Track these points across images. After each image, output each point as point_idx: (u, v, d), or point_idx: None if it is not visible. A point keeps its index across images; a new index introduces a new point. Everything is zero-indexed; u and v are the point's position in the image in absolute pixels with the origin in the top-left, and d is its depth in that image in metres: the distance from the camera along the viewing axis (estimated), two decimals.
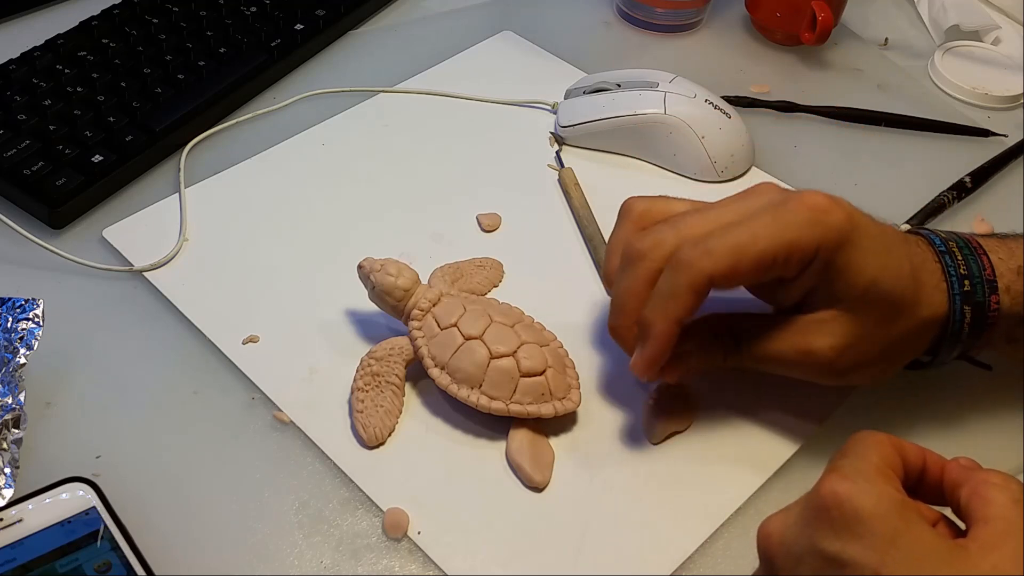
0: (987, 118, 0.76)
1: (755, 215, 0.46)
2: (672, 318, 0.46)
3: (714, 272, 0.45)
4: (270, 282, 0.59)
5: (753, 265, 0.45)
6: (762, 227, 0.45)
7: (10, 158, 0.62)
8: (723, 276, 0.45)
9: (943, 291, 0.48)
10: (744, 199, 0.48)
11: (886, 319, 0.47)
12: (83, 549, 0.44)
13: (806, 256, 0.46)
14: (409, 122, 0.71)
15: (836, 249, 0.45)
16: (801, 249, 0.45)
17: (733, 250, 0.45)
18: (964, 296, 0.48)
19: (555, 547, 0.47)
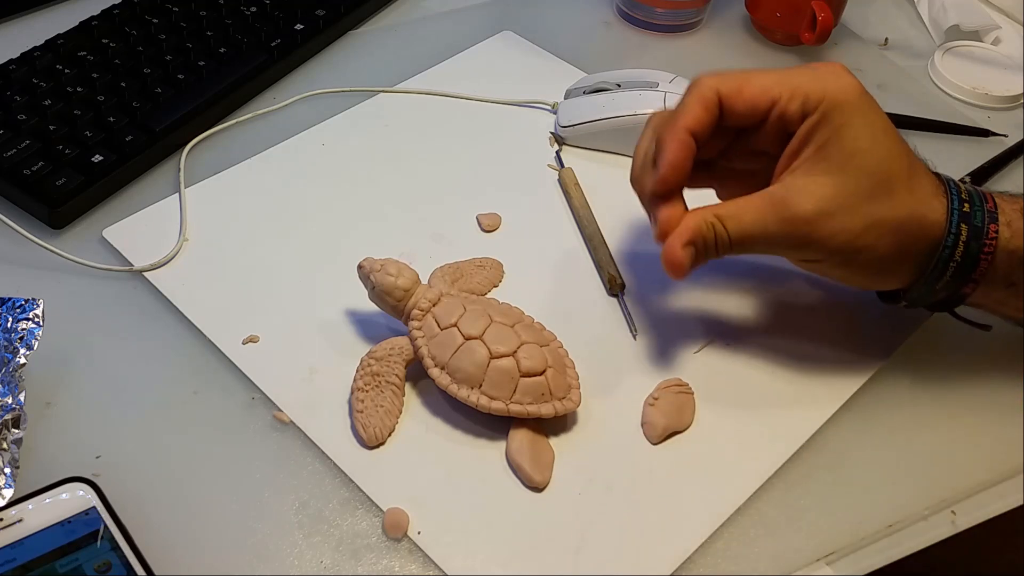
0: (987, 118, 0.76)
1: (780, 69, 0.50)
2: (682, 125, 0.49)
3: (720, 86, 0.49)
4: (270, 282, 0.59)
5: (757, 93, 0.48)
6: (778, 71, 0.49)
7: (10, 158, 0.62)
8: (729, 94, 0.49)
9: (942, 203, 0.49)
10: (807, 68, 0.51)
11: (872, 194, 0.48)
12: (83, 549, 0.44)
13: (808, 102, 0.48)
14: (409, 122, 0.71)
15: (838, 106, 0.47)
16: (804, 95, 0.48)
17: (742, 77, 0.49)
18: (962, 216, 0.48)
19: (555, 547, 0.47)
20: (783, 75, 0.49)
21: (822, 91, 0.48)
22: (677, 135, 0.49)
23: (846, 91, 0.48)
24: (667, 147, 0.49)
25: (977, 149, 0.72)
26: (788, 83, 0.48)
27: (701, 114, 0.49)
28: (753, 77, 0.49)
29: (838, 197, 0.47)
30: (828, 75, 0.49)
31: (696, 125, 0.48)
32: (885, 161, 0.48)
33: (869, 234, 0.48)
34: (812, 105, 0.48)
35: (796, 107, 0.48)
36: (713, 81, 0.49)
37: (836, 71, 0.49)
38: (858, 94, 0.48)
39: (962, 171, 0.69)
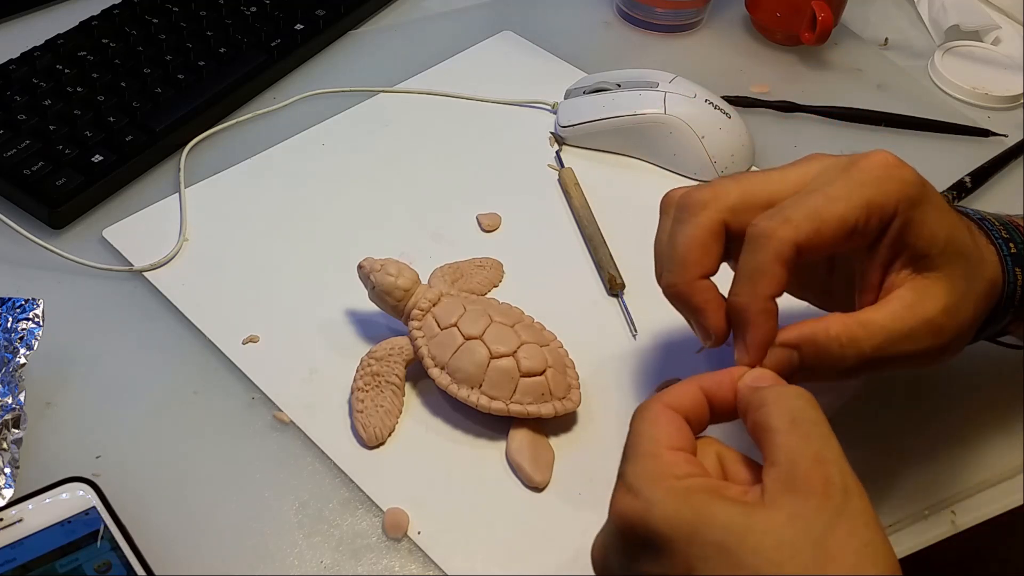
0: (987, 118, 0.76)
1: (826, 180, 0.44)
2: (765, 295, 0.42)
3: (798, 239, 0.42)
4: (270, 282, 0.59)
5: (836, 228, 0.42)
6: (838, 189, 0.43)
7: (10, 158, 0.62)
8: (808, 242, 0.42)
9: (994, 253, 0.47)
10: (802, 165, 0.46)
11: (970, 276, 0.45)
12: (83, 549, 0.44)
13: (886, 214, 0.43)
14: (409, 122, 0.71)
15: (914, 203, 0.43)
16: (881, 206, 0.43)
17: (813, 215, 0.42)
18: (1014, 258, 0.47)
19: (555, 547, 0.47)
20: (849, 195, 0.43)
21: (894, 195, 0.43)
22: (760, 304, 0.42)
23: (912, 185, 0.43)
24: (752, 321, 0.43)
25: (977, 149, 0.72)
26: (858, 201, 0.42)
27: (783, 275, 0.42)
28: (823, 211, 0.42)
29: (954, 291, 0.44)
30: (889, 176, 0.43)
31: (779, 289, 0.43)
32: (964, 239, 0.45)
33: (976, 316, 0.46)
34: (889, 214, 0.43)
35: (875, 224, 0.43)
36: (787, 233, 0.42)
37: (891, 165, 0.44)
38: (921, 183, 0.44)
39: (962, 171, 0.68)
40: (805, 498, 0.35)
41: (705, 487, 0.37)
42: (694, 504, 0.36)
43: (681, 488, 0.37)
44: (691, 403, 0.40)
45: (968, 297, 0.45)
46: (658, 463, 0.38)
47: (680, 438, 0.39)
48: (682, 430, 0.39)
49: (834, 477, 0.36)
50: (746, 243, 0.43)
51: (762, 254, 0.42)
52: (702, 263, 0.44)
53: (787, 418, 0.37)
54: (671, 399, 0.40)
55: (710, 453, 0.40)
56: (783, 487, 0.36)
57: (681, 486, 0.37)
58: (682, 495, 0.36)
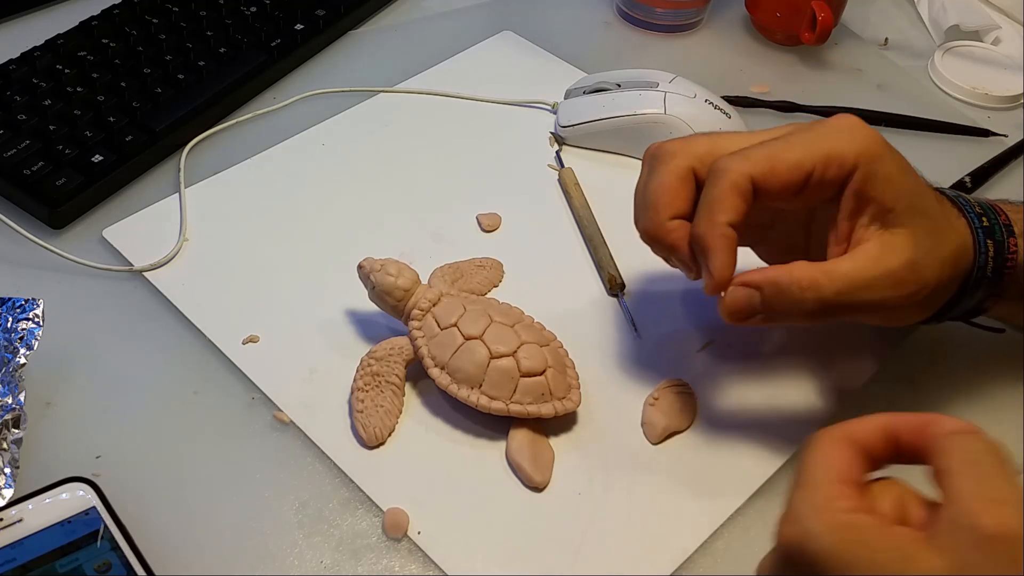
0: (987, 118, 0.76)
1: (791, 132, 0.47)
2: (722, 221, 0.45)
3: (752, 172, 0.45)
4: (270, 282, 0.59)
5: (791, 170, 0.45)
6: (798, 138, 0.46)
7: (10, 158, 0.62)
8: (762, 177, 0.45)
9: (965, 225, 0.48)
10: (774, 129, 0.48)
11: (935, 235, 0.46)
12: (83, 549, 0.44)
13: (845, 165, 0.45)
14: (409, 122, 0.71)
15: (875, 159, 0.45)
16: (839, 158, 0.45)
17: (769, 156, 0.45)
18: (985, 231, 0.48)
19: (555, 547, 0.47)
20: (808, 143, 0.46)
21: (854, 150, 0.45)
22: (718, 230, 0.45)
23: (874, 142, 0.46)
24: (711, 246, 0.45)
25: (977, 149, 0.72)
26: (818, 151, 0.45)
27: (739, 204, 0.45)
28: (780, 152, 0.46)
29: (918, 247, 0.46)
30: (851, 131, 0.46)
31: (735, 216, 0.45)
32: (926, 199, 0.47)
33: (941, 278, 0.47)
34: (849, 166, 0.45)
35: (833, 173, 0.45)
36: (742, 166, 0.45)
37: (853, 124, 0.46)
38: (882, 142, 0.46)
39: (962, 171, 0.69)
40: (970, 539, 0.34)
41: (867, 524, 0.36)
42: (852, 541, 0.35)
43: (842, 522, 0.36)
44: (873, 438, 0.39)
45: (933, 255, 0.46)
46: (823, 493, 0.37)
47: (851, 472, 0.38)
48: (855, 465, 0.38)
49: (1007, 518, 0.34)
50: (707, 179, 0.46)
51: (719, 185, 0.45)
52: (672, 205, 0.47)
53: (967, 460, 0.36)
54: (851, 431, 0.39)
55: (890, 494, 0.39)
56: (951, 528, 0.35)
57: (842, 520, 0.36)
58: (841, 530, 0.36)
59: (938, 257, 0.47)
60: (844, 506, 0.37)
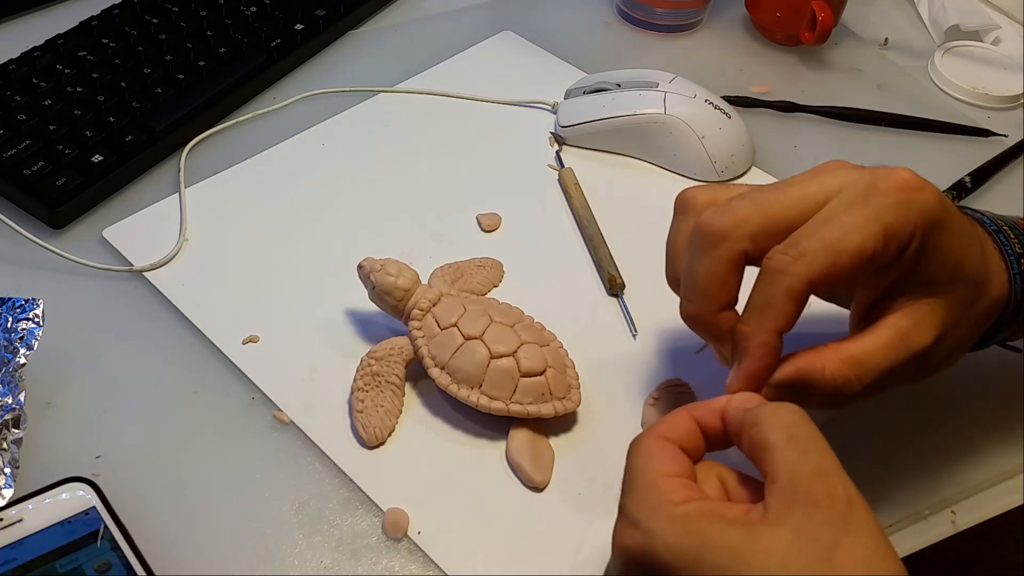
0: (987, 118, 0.76)
1: (845, 203, 0.42)
2: (772, 329, 0.42)
3: (812, 275, 0.41)
4: (270, 282, 0.59)
5: (851, 261, 0.41)
6: (853, 218, 0.41)
7: (10, 158, 0.62)
8: (823, 278, 0.41)
9: (1004, 270, 0.46)
10: (822, 179, 0.44)
11: (969, 301, 0.45)
12: (83, 549, 0.44)
13: (903, 241, 0.42)
14: (409, 122, 0.71)
15: (932, 230, 0.42)
16: (898, 235, 0.41)
17: (828, 248, 0.41)
18: (1023, 275, 0.47)
19: (555, 547, 0.47)
20: (867, 221, 0.41)
21: (912, 222, 0.41)
22: (763, 337, 0.42)
23: (931, 210, 0.42)
24: (751, 352, 0.42)
25: (977, 149, 0.72)
26: (875, 230, 0.41)
27: (792, 310, 0.42)
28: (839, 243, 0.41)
29: (947, 318, 0.44)
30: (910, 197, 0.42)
31: (787, 324, 0.42)
32: (973, 264, 0.44)
33: (968, 338, 0.46)
34: (906, 241, 0.42)
35: (892, 250, 0.42)
36: (801, 269, 0.41)
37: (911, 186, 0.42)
38: (942, 207, 0.42)
39: (962, 171, 0.69)
40: (809, 512, 0.35)
41: (704, 511, 0.37)
42: (695, 529, 0.36)
43: (680, 514, 0.37)
44: (684, 432, 0.40)
45: (963, 322, 0.45)
46: (655, 492, 0.38)
47: (676, 465, 0.39)
48: (676, 458, 0.39)
49: (837, 489, 0.36)
50: (760, 273, 0.43)
51: (774, 288, 0.42)
52: (722, 296, 0.44)
53: (784, 434, 0.37)
54: (664, 430, 0.40)
55: (711, 476, 0.40)
56: (785, 502, 0.36)
57: (680, 512, 0.37)
58: (682, 522, 0.37)
59: (969, 322, 0.45)
60: (677, 498, 0.37)
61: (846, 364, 0.43)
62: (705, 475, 0.40)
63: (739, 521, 0.36)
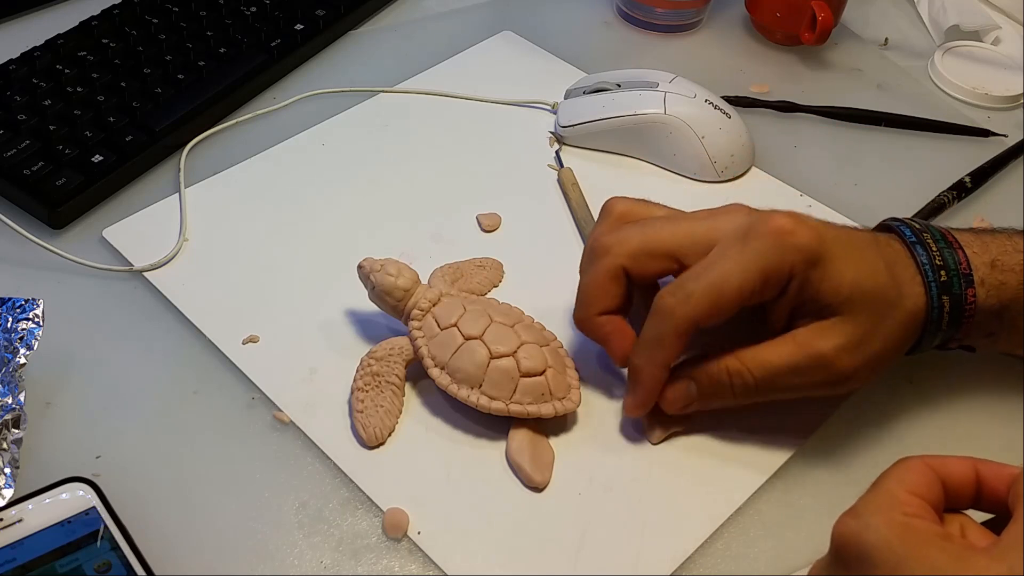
0: (987, 118, 0.76)
1: (724, 248, 0.47)
2: (660, 363, 0.49)
3: (696, 316, 0.47)
4: (270, 282, 0.59)
5: (732, 301, 0.47)
6: (733, 263, 0.47)
7: (10, 158, 0.62)
8: (706, 316, 0.47)
9: (919, 283, 0.49)
10: (713, 216, 0.50)
11: (877, 316, 0.48)
12: (83, 549, 0.44)
13: (781, 279, 0.47)
14: (409, 122, 0.71)
15: (809, 266, 0.47)
16: (775, 274, 0.47)
17: (710, 290, 0.47)
18: (941, 286, 0.49)
19: (555, 547, 0.47)
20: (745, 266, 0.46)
21: (788, 263, 0.46)
22: (654, 371, 0.49)
23: (806, 249, 0.46)
24: (643, 382, 0.49)
25: (977, 149, 0.72)
26: (754, 272, 0.46)
27: (679, 346, 0.48)
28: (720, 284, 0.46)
29: (855, 331, 0.47)
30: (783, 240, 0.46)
31: (674, 357, 0.49)
32: (872, 282, 0.48)
33: (885, 350, 0.49)
34: (784, 279, 0.47)
35: (772, 287, 0.47)
36: (686, 310, 0.47)
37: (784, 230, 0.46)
38: (818, 243, 0.47)
39: (962, 171, 0.68)
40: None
41: (928, 529, 0.37)
42: (910, 538, 0.36)
43: (901, 522, 0.37)
44: (956, 474, 0.40)
45: (876, 334, 0.48)
46: (890, 497, 0.38)
47: (926, 490, 0.39)
48: (932, 487, 0.39)
49: None
50: (651, 312, 0.48)
51: (663, 327, 0.48)
52: (601, 302, 0.50)
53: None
54: (937, 462, 0.40)
55: (954, 522, 0.40)
56: (1012, 543, 0.35)
57: (903, 520, 0.37)
58: (900, 528, 0.37)
59: (883, 334, 0.48)
60: (908, 511, 0.38)
61: (739, 359, 0.49)
62: (949, 519, 0.40)
63: (958, 545, 0.36)
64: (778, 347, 0.48)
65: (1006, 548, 0.35)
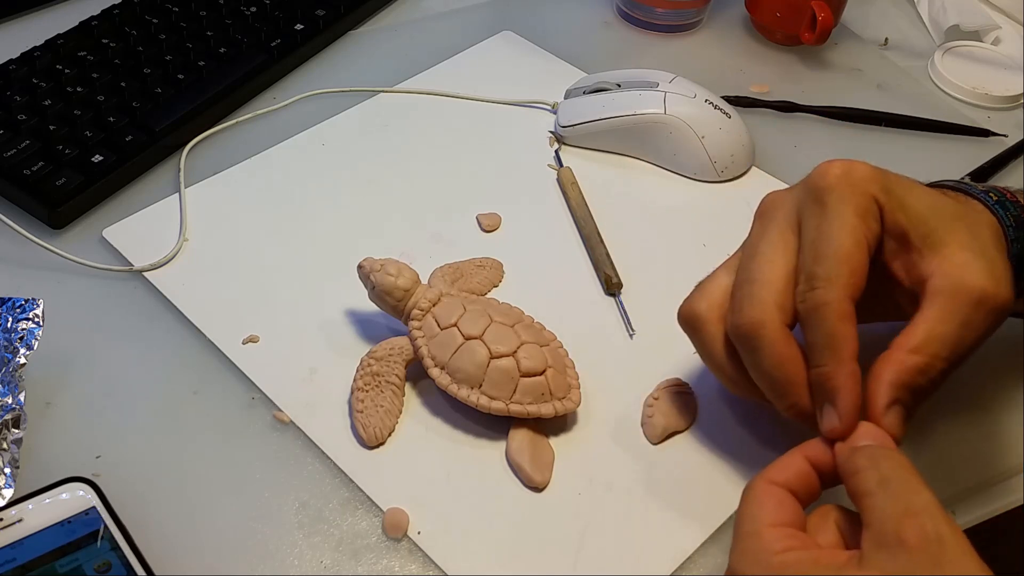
0: (987, 118, 0.76)
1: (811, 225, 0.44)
2: (848, 357, 0.42)
3: (847, 290, 0.42)
4: (270, 282, 0.59)
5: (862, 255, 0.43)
6: (828, 225, 0.43)
7: (10, 158, 0.62)
8: (855, 287, 0.42)
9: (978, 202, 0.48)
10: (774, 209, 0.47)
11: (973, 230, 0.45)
12: (83, 549, 0.44)
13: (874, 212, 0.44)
14: (409, 122, 0.71)
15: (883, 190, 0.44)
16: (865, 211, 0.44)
17: (838, 260, 0.42)
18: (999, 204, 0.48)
19: (555, 547, 0.47)
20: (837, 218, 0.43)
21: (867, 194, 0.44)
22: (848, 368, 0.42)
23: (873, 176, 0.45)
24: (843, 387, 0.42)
25: (977, 149, 0.72)
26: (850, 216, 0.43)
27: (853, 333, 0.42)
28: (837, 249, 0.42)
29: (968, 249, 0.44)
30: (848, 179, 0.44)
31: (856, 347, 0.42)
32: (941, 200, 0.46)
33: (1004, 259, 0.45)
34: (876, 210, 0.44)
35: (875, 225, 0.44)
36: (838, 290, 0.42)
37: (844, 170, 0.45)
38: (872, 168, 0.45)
39: (962, 171, 0.69)
40: (897, 554, 0.35)
41: (802, 559, 0.37)
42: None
43: (777, 563, 0.37)
44: (795, 474, 0.40)
45: (986, 248, 0.44)
46: (757, 541, 0.38)
47: (783, 514, 0.39)
48: (784, 504, 0.40)
49: (927, 527, 0.35)
50: (803, 321, 0.43)
51: (825, 322, 0.42)
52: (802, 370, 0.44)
53: (876, 478, 0.38)
54: (774, 474, 0.40)
55: (828, 522, 0.40)
56: (876, 546, 0.36)
57: (777, 561, 0.37)
58: (777, 570, 0.37)
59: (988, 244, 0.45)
60: (778, 548, 0.38)
61: (917, 352, 0.42)
62: (822, 520, 0.40)
63: (833, 568, 0.36)
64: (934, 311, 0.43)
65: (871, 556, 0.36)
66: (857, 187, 0.44)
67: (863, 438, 0.41)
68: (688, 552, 0.48)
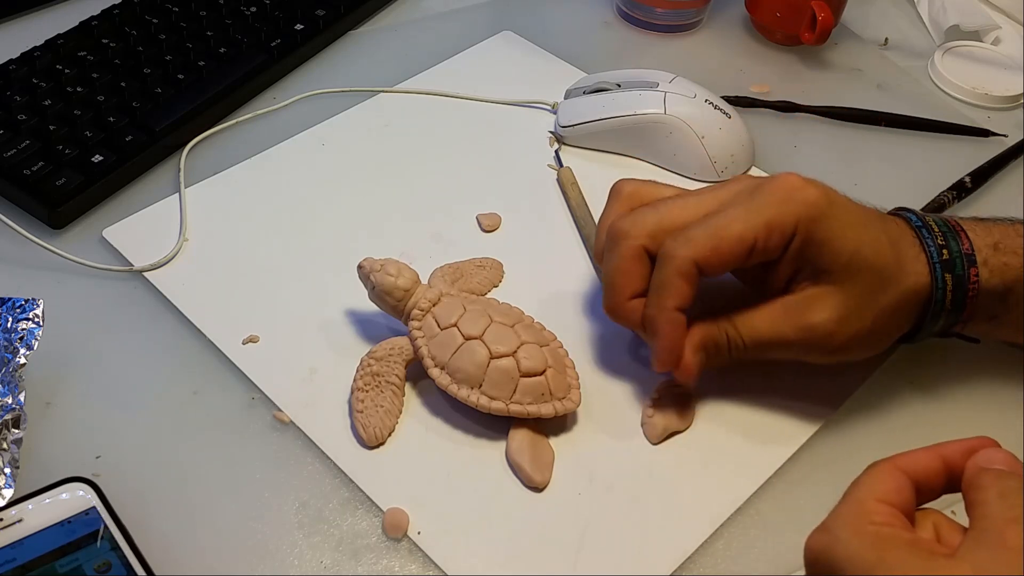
0: (987, 118, 0.76)
1: (731, 202, 0.49)
2: (670, 306, 0.48)
3: (696, 256, 0.47)
4: (270, 282, 0.59)
5: (733, 247, 0.47)
6: (739, 211, 0.48)
7: (10, 158, 0.62)
8: (706, 260, 0.47)
9: (923, 262, 0.50)
10: (723, 187, 0.51)
11: (873, 289, 0.48)
12: (83, 549, 0.44)
13: (785, 232, 0.48)
14: (409, 122, 0.71)
15: (814, 222, 0.47)
16: (779, 227, 0.47)
17: (712, 235, 0.47)
18: (943, 265, 0.50)
19: (555, 547, 0.47)
20: (749, 214, 0.48)
21: (793, 215, 0.47)
22: (665, 315, 0.48)
23: (813, 205, 0.47)
24: (660, 331, 0.49)
25: (977, 149, 0.72)
26: (759, 222, 0.47)
27: (685, 288, 0.48)
28: (722, 230, 0.48)
29: (848, 302, 0.48)
30: (790, 196, 0.48)
31: (682, 301, 0.48)
32: (874, 253, 0.48)
33: (878, 325, 0.49)
34: (789, 232, 0.48)
35: (775, 241, 0.48)
36: (686, 251, 0.47)
37: (793, 187, 0.48)
38: (826, 202, 0.48)
39: (962, 171, 0.68)
40: (995, 554, 0.35)
41: (896, 536, 0.37)
42: (878, 547, 0.37)
43: (870, 532, 0.37)
44: (924, 469, 0.40)
45: (869, 308, 0.49)
46: (858, 509, 0.39)
47: (895, 496, 0.39)
48: (902, 490, 0.40)
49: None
50: (656, 262, 0.49)
51: (666, 271, 0.48)
52: (630, 285, 0.50)
53: (996, 492, 0.38)
54: (904, 462, 0.40)
55: (928, 522, 0.40)
56: (975, 543, 0.36)
57: (871, 530, 0.37)
58: (870, 538, 0.37)
59: (875, 307, 0.49)
60: (877, 520, 0.38)
61: (734, 324, 0.50)
62: (923, 518, 0.40)
63: (925, 551, 0.37)
64: (769, 314, 0.49)
65: (969, 549, 0.36)
66: (791, 203, 0.47)
67: (996, 462, 0.40)
68: (688, 552, 0.48)
